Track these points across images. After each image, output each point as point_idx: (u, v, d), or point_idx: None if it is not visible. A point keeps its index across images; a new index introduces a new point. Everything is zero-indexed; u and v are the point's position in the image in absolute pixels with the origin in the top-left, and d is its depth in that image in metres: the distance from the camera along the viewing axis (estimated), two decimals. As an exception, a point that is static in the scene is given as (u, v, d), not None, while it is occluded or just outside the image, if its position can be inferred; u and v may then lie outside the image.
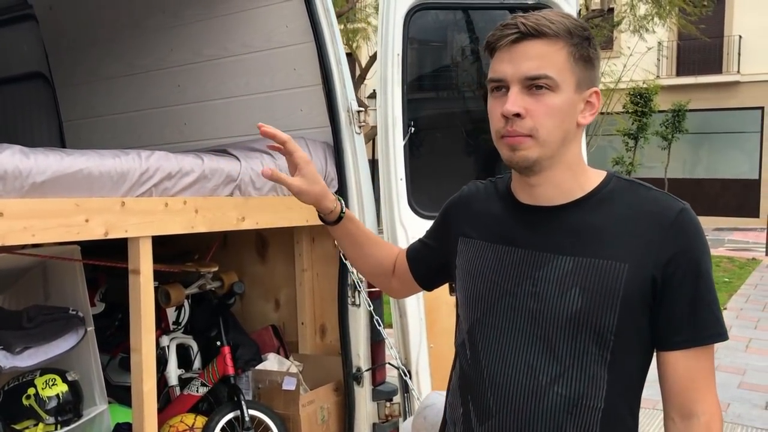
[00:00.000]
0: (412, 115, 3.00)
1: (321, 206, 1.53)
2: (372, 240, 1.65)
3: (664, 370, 1.28)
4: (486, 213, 1.41)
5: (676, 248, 1.23)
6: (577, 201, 1.30)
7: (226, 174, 2.57)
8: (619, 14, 15.09)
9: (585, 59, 1.26)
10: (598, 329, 1.24)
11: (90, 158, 2.15)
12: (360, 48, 15.72)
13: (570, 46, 1.24)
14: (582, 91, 1.27)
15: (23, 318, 2.61)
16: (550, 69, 1.22)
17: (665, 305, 1.24)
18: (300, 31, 2.98)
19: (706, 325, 1.25)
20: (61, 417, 2.58)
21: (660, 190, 1.31)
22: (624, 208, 1.27)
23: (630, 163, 17.59)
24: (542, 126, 1.23)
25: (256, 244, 3.50)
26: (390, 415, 2.98)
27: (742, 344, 6.81)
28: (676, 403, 1.27)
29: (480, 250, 1.38)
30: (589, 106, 1.29)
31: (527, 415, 1.27)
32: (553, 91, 1.23)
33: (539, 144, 1.24)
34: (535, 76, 1.22)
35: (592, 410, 1.25)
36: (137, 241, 2.27)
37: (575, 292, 1.24)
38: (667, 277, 1.23)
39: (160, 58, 3.55)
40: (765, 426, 4.72)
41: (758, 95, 19.05)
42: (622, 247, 1.24)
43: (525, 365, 1.28)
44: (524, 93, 1.23)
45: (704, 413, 1.25)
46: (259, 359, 3.21)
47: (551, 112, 1.23)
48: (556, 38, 1.23)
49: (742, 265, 11.84)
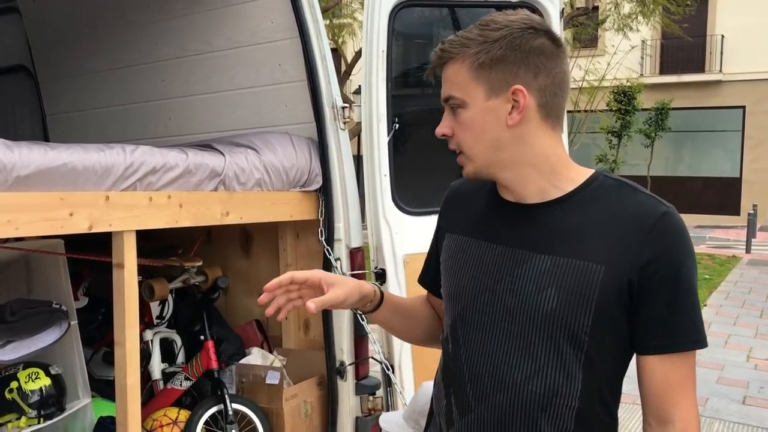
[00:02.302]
0: (397, 111, 3.02)
1: (364, 292, 1.45)
2: (413, 304, 1.62)
3: (642, 374, 1.27)
4: (471, 208, 1.43)
5: (655, 252, 1.21)
6: (558, 200, 1.29)
7: (211, 169, 2.57)
8: (604, 12, 15.19)
9: (488, 65, 1.25)
10: (572, 330, 1.24)
11: (74, 152, 2.15)
12: (346, 44, 15.70)
13: (468, 58, 1.26)
14: (498, 95, 1.26)
15: (6, 311, 2.60)
16: (454, 89, 1.29)
17: (642, 309, 1.23)
18: (285, 26, 2.98)
19: (683, 331, 1.23)
20: (44, 410, 2.58)
21: (647, 192, 1.29)
22: (606, 209, 1.26)
23: (613, 160, 17.73)
24: (463, 141, 1.31)
25: (240, 239, 3.50)
26: (373, 409, 3.00)
27: (721, 340, 6.90)
28: (653, 407, 1.27)
29: (463, 245, 1.40)
30: (517, 104, 1.26)
31: (504, 410, 1.29)
32: (464, 107, 1.29)
33: (469, 158, 1.32)
34: (446, 98, 1.31)
35: (567, 408, 1.26)
36: (121, 235, 2.27)
37: (551, 291, 1.24)
38: (644, 280, 1.22)
39: (145, 52, 3.54)
40: (742, 420, 4.80)
41: (740, 94, 19.25)
42: (600, 249, 1.23)
43: (502, 361, 1.29)
44: (450, 113, 1.32)
45: (680, 420, 1.25)
46: (243, 353, 3.23)
47: (465, 128, 1.30)
48: (458, 56, 1.28)
49: (722, 263, 11.99)
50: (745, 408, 5.05)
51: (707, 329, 7.52)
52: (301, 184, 2.92)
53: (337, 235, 2.94)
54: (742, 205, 19.01)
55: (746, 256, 12.91)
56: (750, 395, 5.32)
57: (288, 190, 2.87)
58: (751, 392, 5.38)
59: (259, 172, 2.74)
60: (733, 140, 19.75)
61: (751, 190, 19.02)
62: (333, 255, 2.90)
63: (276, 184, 2.81)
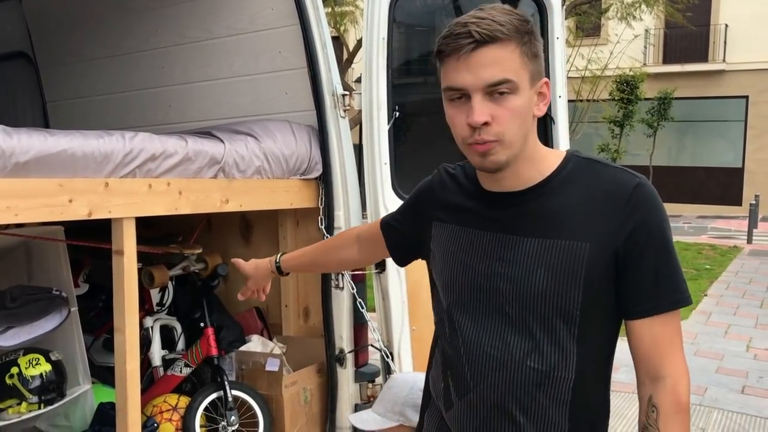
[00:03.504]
0: (397, 99, 3.01)
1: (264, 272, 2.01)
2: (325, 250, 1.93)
3: (632, 338, 1.34)
4: (457, 198, 1.47)
5: (635, 223, 1.28)
6: (539, 185, 1.35)
7: (210, 156, 2.57)
8: (607, 1, 15.11)
9: (535, 54, 1.29)
10: (563, 306, 1.30)
11: (74, 139, 2.15)
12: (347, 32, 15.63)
13: (521, 45, 1.26)
14: (535, 85, 1.30)
15: (6, 298, 2.61)
16: (510, 73, 1.25)
17: (628, 277, 1.30)
18: (285, 13, 2.97)
19: (669, 291, 1.31)
20: (45, 396, 2.60)
21: (616, 165, 1.36)
22: (583, 188, 1.33)
23: (615, 150, 17.68)
24: (508, 130, 1.27)
25: (240, 227, 3.51)
26: (372, 396, 3.02)
27: (721, 330, 6.90)
28: (644, 367, 1.34)
29: (453, 234, 1.44)
30: (541, 96, 1.32)
31: (502, 388, 1.34)
32: (515, 94, 1.26)
33: (506, 147, 1.28)
34: (497, 82, 1.24)
35: (564, 381, 1.33)
36: (121, 222, 2.27)
37: (541, 272, 1.31)
38: (628, 250, 1.28)
39: (144, 39, 3.53)
40: (741, 410, 4.81)
41: (743, 84, 19.16)
42: (583, 227, 1.30)
43: (500, 341, 1.35)
44: (487, 99, 1.25)
45: (670, 375, 1.32)
46: (243, 341, 3.24)
47: (515, 114, 1.27)
48: (509, 40, 1.25)
49: (723, 253, 11.97)
50: (744, 397, 5.06)
51: (708, 319, 7.51)
52: (301, 172, 2.92)
53: (337, 223, 2.94)
54: (744, 196, 18.96)
55: (747, 247, 12.89)
56: (749, 385, 5.32)
57: (288, 178, 2.87)
58: (751, 382, 5.39)
59: (259, 159, 2.74)
60: (736, 130, 19.68)
61: (754, 180, 18.96)
62: (333, 243, 2.90)
63: (276, 171, 2.81)
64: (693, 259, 11.13)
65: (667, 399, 1.31)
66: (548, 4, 3.18)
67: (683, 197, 19.62)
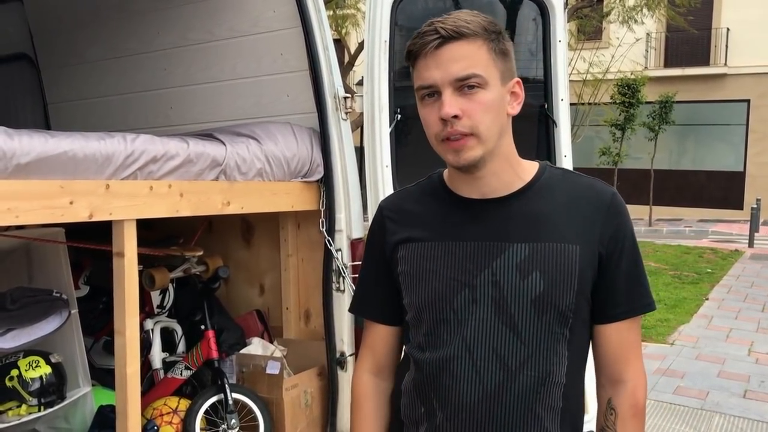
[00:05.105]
0: (399, 102, 3.01)
1: None
2: (376, 419, 1.54)
3: (599, 342, 1.38)
4: (425, 214, 1.42)
5: (614, 227, 1.34)
6: (521, 190, 1.36)
7: (212, 158, 2.56)
8: (609, 5, 15.12)
9: (503, 52, 1.31)
10: (560, 309, 1.31)
11: (75, 140, 2.14)
12: (349, 34, 15.64)
13: (489, 42, 1.28)
14: (506, 83, 1.32)
15: (7, 299, 2.60)
16: (477, 67, 1.27)
17: (606, 280, 1.35)
18: (287, 15, 2.97)
19: (640, 296, 1.37)
20: (45, 398, 2.59)
21: (587, 176, 1.42)
22: (563, 195, 1.36)
23: (617, 153, 17.66)
24: (481, 123, 1.27)
25: (241, 229, 3.50)
26: (373, 400, 3.00)
27: (722, 334, 6.89)
28: (607, 370, 1.38)
29: (426, 250, 1.39)
30: (514, 96, 1.34)
31: (499, 401, 1.31)
32: (484, 88, 1.27)
33: (481, 141, 1.29)
34: (465, 77, 1.26)
35: (556, 386, 1.33)
36: (122, 224, 2.27)
37: (536, 276, 1.30)
38: (609, 253, 1.34)
39: (146, 41, 3.53)
40: (743, 414, 4.80)
41: (744, 88, 19.16)
42: (570, 230, 1.32)
43: (492, 353, 1.31)
44: (457, 95, 1.27)
45: (631, 380, 1.36)
46: (244, 343, 3.23)
47: (486, 108, 1.28)
48: (475, 37, 1.27)
49: (724, 257, 11.96)
50: (746, 402, 5.05)
51: (709, 323, 7.53)
52: (303, 175, 2.91)
53: (338, 225, 2.93)
54: (746, 199, 18.94)
55: (749, 251, 12.87)
56: (751, 389, 5.31)
57: (289, 181, 2.87)
58: (752, 386, 5.38)
59: (261, 162, 2.73)
60: (737, 134, 19.67)
61: (755, 184, 18.95)
62: (334, 246, 2.90)
63: (277, 174, 2.80)
64: (694, 263, 11.12)
65: (627, 402, 1.35)
66: (550, 7, 3.17)
67: (684, 201, 19.62)
